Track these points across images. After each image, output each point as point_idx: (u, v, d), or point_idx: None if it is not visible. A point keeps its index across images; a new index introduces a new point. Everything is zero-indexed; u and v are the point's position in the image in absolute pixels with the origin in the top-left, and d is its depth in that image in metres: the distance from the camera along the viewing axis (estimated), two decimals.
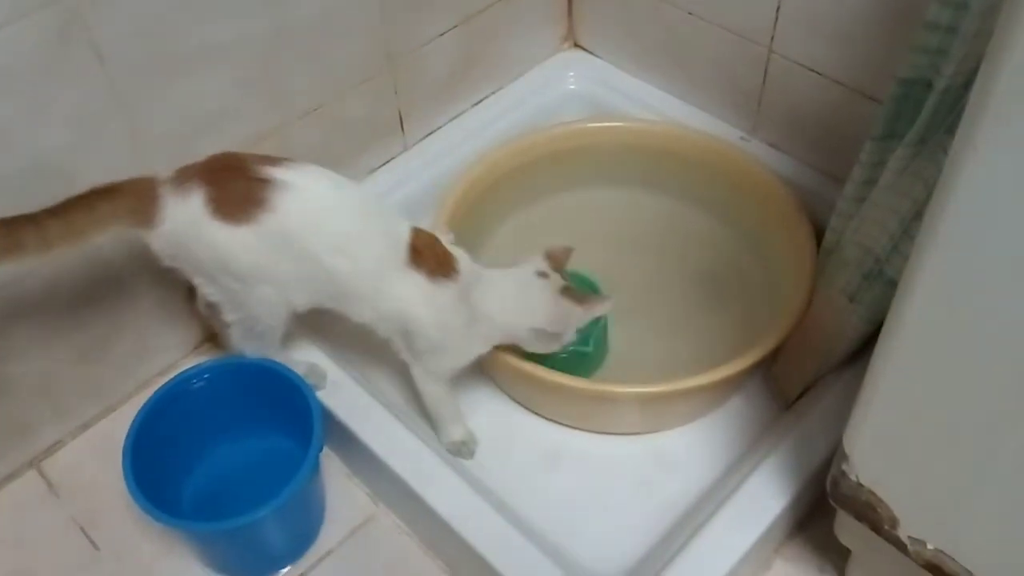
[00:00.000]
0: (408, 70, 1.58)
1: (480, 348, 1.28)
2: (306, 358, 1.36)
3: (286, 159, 1.19)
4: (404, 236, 1.23)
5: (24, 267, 1.14)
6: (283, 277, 1.20)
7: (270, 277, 1.19)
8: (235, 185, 1.15)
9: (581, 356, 1.39)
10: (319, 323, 1.34)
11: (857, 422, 1.00)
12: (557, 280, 1.26)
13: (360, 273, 1.21)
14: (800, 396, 1.35)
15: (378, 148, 1.63)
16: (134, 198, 1.14)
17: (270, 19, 1.32)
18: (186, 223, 1.15)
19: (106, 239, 1.15)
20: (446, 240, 1.29)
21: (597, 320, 1.35)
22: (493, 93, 1.78)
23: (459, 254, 1.27)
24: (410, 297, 1.22)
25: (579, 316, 1.24)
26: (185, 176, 1.16)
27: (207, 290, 1.23)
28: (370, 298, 1.23)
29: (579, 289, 1.27)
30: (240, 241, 1.15)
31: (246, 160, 1.18)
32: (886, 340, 0.91)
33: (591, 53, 1.85)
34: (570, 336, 1.25)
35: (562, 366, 1.33)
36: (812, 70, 1.47)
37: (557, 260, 1.28)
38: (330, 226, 1.19)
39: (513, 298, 1.24)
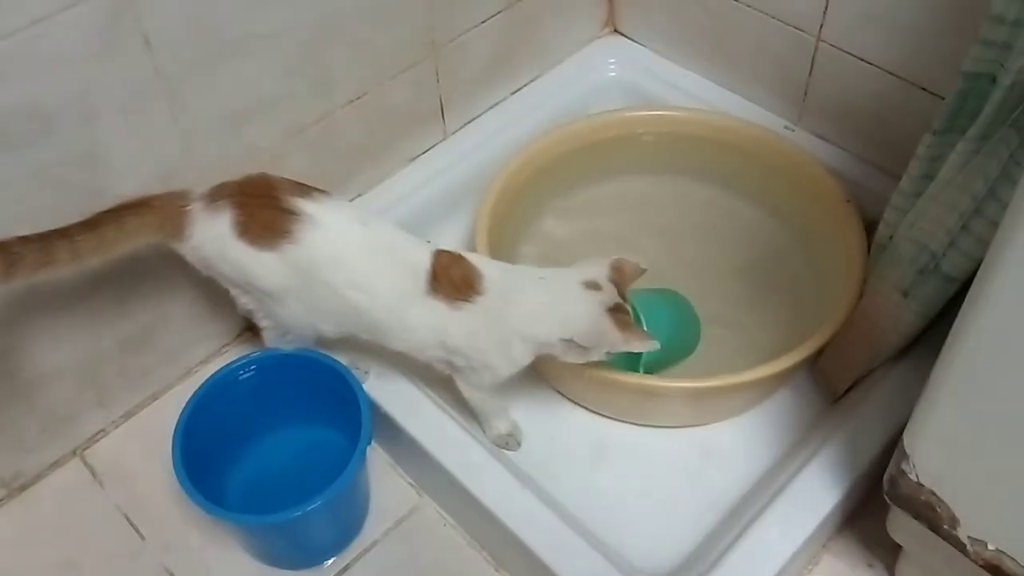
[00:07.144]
0: (450, 57, 1.56)
1: (520, 360, 1.21)
2: (350, 351, 1.35)
3: (317, 189, 1.20)
4: (425, 263, 1.20)
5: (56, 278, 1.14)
6: (308, 302, 1.21)
7: (296, 298, 1.21)
8: (264, 212, 1.17)
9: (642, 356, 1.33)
10: None
11: (919, 421, 0.99)
12: (611, 294, 1.18)
13: (380, 307, 1.20)
14: (848, 390, 1.34)
15: (418, 136, 1.62)
16: (162, 213, 1.17)
17: (316, 6, 1.31)
18: (212, 241, 1.17)
19: (137, 250, 1.17)
20: (478, 256, 1.26)
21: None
22: (532, 81, 1.76)
23: (490, 268, 1.22)
24: (435, 324, 1.20)
25: (614, 341, 1.16)
26: (218, 194, 1.18)
27: (241, 300, 1.26)
28: (397, 330, 1.22)
29: (629, 316, 1.19)
30: (264, 265, 1.18)
31: (279, 187, 1.18)
32: (955, 340, 0.90)
33: (631, 39, 1.83)
34: (598, 355, 1.18)
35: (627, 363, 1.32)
36: (864, 60, 1.44)
37: (622, 274, 1.21)
38: (350, 264, 1.19)
39: (546, 306, 1.18)
